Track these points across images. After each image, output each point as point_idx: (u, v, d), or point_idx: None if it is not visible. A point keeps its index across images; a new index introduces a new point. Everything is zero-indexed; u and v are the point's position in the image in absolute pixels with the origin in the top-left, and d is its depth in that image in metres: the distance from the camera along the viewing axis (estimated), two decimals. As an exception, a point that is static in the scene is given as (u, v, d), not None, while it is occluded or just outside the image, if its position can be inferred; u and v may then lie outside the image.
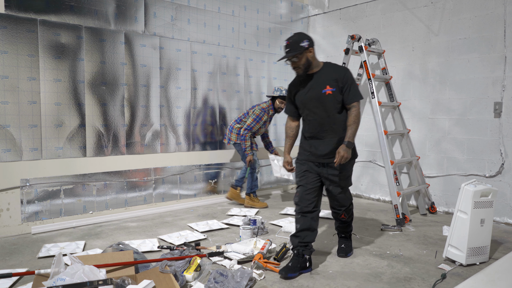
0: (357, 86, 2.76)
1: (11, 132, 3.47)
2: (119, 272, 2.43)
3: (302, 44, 2.64)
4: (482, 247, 2.88)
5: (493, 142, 4.04)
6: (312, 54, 2.70)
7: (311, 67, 2.74)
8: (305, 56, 2.68)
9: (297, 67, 2.71)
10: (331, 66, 2.81)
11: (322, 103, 2.73)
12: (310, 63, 2.72)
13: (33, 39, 3.54)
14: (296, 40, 2.66)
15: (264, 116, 4.49)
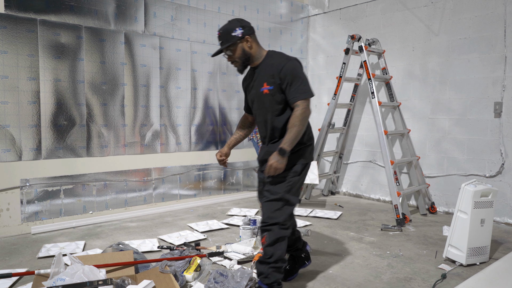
0: (305, 80, 2.20)
1: (11, 132, 3.47)
2: (119, 272, 2.42)
3: (234, 34, 2.22)
4: (482, 247, 2.88)
5: (493, 142, 4.04)
6: (249, 44, 2.26)
7: (251, 59, 2.30)
8: (240, 48, 2.25)
9: (233, 61, 2.30)
10: (272, 57, 2.30)
11: (262, 103, 2.31)
12: (249, 55, 2.28)
13: (33, 39, 3.54)
14: (227, 29, 2.24)
15: None
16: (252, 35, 2.27)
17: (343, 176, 5.45)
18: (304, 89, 2.19)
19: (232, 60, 2.30)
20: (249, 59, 2.29)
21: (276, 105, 2.26)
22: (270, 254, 2.22)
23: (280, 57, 2.26)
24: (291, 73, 2.18)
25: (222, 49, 2.27)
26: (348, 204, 4.87)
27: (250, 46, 2.27)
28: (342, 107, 5.02)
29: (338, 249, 3.20)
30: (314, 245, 3.29)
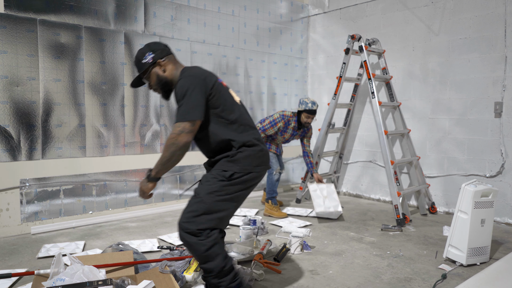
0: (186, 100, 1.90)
1: (10, 132, 3.47)
2: (119, 272, 2.42)
3: (145, 61, 2.07)
4: (482, 247, 2.87)
5: (494, 142, 4.03)
6: (163, 68, 2.07)
7: (170, 83, 2.09)
8: (154, 74, 2.08)
9: (153, 89, 2.14)
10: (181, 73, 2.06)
11: None
12: (165, 80, 2.08)
13: (33, 39, 3.54)
14: (137, 57, 2.11)
15: (280, 123, 4.08)
16: (166, 57, 2.09)
17: (343, 176, 5.45)
18: (181, 111, 1.90)
19: (152, 88, 2.14)
20: (167, 83, 2.09)
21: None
22: (209, 269, 1.96)
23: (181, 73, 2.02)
24: (179, 93, 1.94)
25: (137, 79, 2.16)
26: (348, 204, 4.86)
27: (164, 69, 2.08)
28: (342, 107, 5.01)
29: (338, 249, 3.20)
30: (315, 245, 3.28)
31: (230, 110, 2.01)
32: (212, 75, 2.05)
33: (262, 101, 5.35)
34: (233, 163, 1.98)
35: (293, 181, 5.77)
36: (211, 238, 1.94)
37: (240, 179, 1.98)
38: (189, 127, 1.90)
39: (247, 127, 2.06)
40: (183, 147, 1.91)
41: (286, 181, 5.66)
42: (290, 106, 5.68)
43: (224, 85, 2.10)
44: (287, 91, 5.64)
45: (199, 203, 1.96)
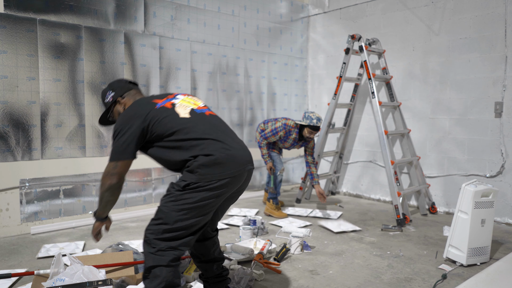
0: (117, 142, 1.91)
1: (10, 132, 3.46)
2: (118, 272, 2.42)
3: (107, 100, 2.14)
4: (482, 247, 2.87)
5: (494, 142, 4.03)
6: (123, 105, 2.11)
7: None
8: (116, 112, 2.14)
9: None
10: None
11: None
12: None
13: (33, 39, 3.53)
14: (102, 97, 2.18)
15: (281, 132, 4.03)
16: (126, 93, 2.11)
17: (343, 176, 5.45)
18: (111, 152, 1.92)
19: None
20: None
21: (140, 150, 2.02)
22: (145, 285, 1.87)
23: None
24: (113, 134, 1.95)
25: (105, 118, 2.18)
26: (348, 204, 4.86)
27: (124, 106, 2.10)
28: (342, 107, 5.01)
29: (338, 249, 3.19)
30: (315, 245, 3.28)
31: (177, 131, 1.90)
32: (147, 106, 1.95)
33: (262, 101, 5.35)
34: (191, 173, 1.86)
35: (293, 181, 5.77)
36: (160, 257, 1.82)
37: (200, 188, 1.85)
38: (112, 169, 1.91)
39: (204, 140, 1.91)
40: (109, 189, 1.92)
41: (286, 181, 5.65)
42: (290, 106, 5.68)
43: (169, 106, 1.97)
44: (287, 91, 5.64)
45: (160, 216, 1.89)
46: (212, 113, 2.10)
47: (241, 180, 1.99)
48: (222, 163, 1.87)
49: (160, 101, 1.99)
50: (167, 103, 2.00)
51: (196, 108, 2.04)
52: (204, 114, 2.04)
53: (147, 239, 1.86)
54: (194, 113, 2.00)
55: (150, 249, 1.84)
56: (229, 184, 1.91)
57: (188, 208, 1.84)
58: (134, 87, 2.18)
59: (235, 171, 1.92)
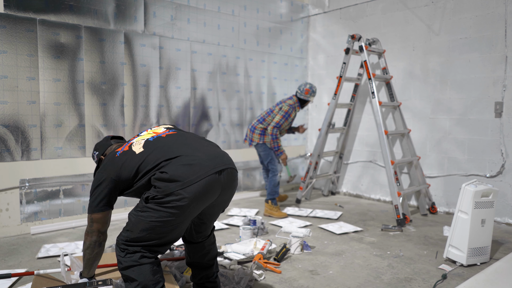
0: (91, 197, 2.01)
1: (10, 132, 3.46)
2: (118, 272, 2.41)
3: (94, 160, 2.29)
4: (482, 247, 2.87)
5: (494, 142, 4.03)
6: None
7: None
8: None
9: None
10: None
11: None
12: None
13: (32, 39, 3.53)
14: (92, 156, 2.32)
15: (293, 113, 4.23)
16: (105, 150, 2.22)
17: (343, 176, 5.45)
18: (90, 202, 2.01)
19: None
20: None
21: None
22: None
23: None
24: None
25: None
26: (348, 204, 4.86)
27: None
28: (342, 107, 5.01)
29: (339, 250, 3.19)
30: (315, 246, 3.28)
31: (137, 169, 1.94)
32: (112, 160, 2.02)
33: (262, 101, 5.35)
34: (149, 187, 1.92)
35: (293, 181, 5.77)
36: (130, 258, 1.86)
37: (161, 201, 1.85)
38: (89, 227, 2.02)
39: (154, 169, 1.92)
40: (89, 247, 2.04)
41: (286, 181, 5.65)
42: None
43: (126, 149, 2.03)
44: (287, 91, 5.64)
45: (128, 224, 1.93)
46: (172, 133, 2.09)
47: (215, 186, 1.92)
48: (177, 178, 1.84)
49: (119, 149, 2.07)
50: (126, 146, 2.06)
51: (151, 137, 2.06)
52: (160, 138, 2.05)
53: (117, 243, 1.92)
54: (148, 144, 2.01)
55: (120, 253, 1.89)
56: (196, 194, 1.85)
57: (153, 221, 1.84)
58: (115, 142, 2.28)
59: (197, 179, 1.85)
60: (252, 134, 4.28)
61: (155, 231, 1.85)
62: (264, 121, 4.26)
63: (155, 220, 1.83)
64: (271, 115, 4.26)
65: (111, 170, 1.98)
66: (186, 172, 1.86)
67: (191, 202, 1.85)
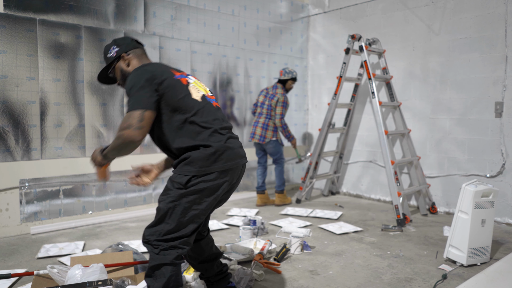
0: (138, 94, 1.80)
1: (10, 132, 3.46)
2: (118, 272, 2.41)
3: (110, 55, 2.05)
4: (483, 247, 2.87)
5: (494, 142, 4.03)
6: (127, 62, 2.03)
7: None
8: (118, 68, 2.05)
9: (120, 85, 2.10)
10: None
11: None
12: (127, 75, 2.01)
13: (32, 39, 3.53)
14: (104, 52, 2.09)
15: (287, 99, 4.56)
16: (131, 51, 2.04)
17: (343, 176, 5.44)
18: (131, 102, 1.79)
19: (119, 84, 2.08)
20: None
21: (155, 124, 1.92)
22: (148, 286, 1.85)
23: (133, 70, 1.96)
24: (126, 87, 1.86)
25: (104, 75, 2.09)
26: (348, 204, 4.86)
27: (128, 63, 2.03)
28: (343, 107, 5.01)
29: (339, 250, 3.19)
30: (315, 246, 3.28)
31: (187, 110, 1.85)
32: (166, 72, 1.90)
33: (262, 101, 5.34)
34: (189, 165, 1.81)
35: (292, 181, 5.77)
36: (164, 256, 1.80)
37: (200, 184, 1.81)
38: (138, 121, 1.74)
39: (207, 129, 1.88)
40: (129, 144, 1.76)
41: (285, 180, 5.65)
42: (290, 106, 5.66)
43: (184, 82, 1.93)
44: (287, 91, 5.63)
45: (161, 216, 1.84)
46: (218, 106, 2.06)
47: (236, 175, 1.96)
48: (220, 156, 1.84)
49: (177, 74, 1.95)
50: (183, 79, 1.95)
51: (206, 96, 2.00)
52: (211, 104, 2.00)
53: (148, 241, 1.83)
54: (205, 99, 1.96)
55: (153, 250, 1.81)
56: (227, 178, 1.88)
57: (189, 207, 1.82)
58: (139, 47, 2.10)
59: (232, 163, 1.89)
60: (266, 132, 4.54)
61: (193, 218, 1.82)
62: (272, 117, 4.55)
63: (190, 205, 1.80)
64: (273, 108, 4.54)
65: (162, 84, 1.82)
66: (226, 154, 1.86)
67: (223, 187, 1.87)
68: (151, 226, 1.86)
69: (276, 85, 4.62)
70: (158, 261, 1.80)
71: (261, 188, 4.69)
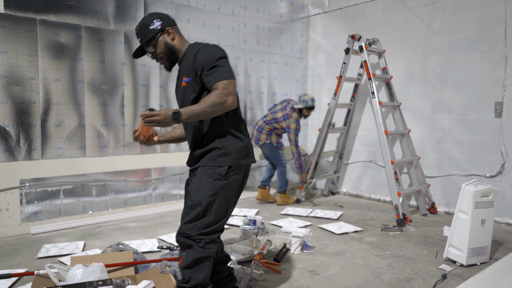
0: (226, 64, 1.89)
1: (10, 132, 3.46)
2: (118, 272, 2.42)
3: (152, 27, 1.99)
4: (482, 247, 2.87)
5: (494, 142, 4.03)
6: (172, 36, 2.01)
7: (177, 53, 2.03)
8: (162, 41, 2.00)
9: (157, 58, 2.04)
10: (192, 47, 1.99)
11: (181, 100, 2.04)
12: (173, 49, 2.01)
13: (33, 39, 3.53)
14: (144, 23, 2.01)
15: (299, 126, 4.60)
16: (173, 26, 2.04)
17: (343, 176, 5.45)
18: (222, 73, 1.84)
19: (157, 57, 2.04)
20: (174, 52, 2.02)
21: (193, 100, 1.94)
22: (187, 278, 1.86)
23: (197, 45, 1.97)
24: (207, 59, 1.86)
25: (143, 46, 2.03)
26: (348, 204, 4.86)
27: (173, 37, 2.01)
28: (342, 107, 5.01)
29: (338, 250, 3.19)
30: (315, 245, 3.28)
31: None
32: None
33: (262, 101, 5.35)
34: (224, 156, 1.88)
35: (292, 181, 5.77)
36: (208, 250, 1.85)
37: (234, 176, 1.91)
38: (234, 88, 1.85)
39: (242, 122, 2.04)
40: (226, 109, 1.84)
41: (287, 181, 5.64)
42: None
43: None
44: (287, 91, 5.64)
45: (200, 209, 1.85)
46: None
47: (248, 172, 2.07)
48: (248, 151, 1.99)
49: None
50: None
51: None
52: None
53: (190, 236, 1.83)
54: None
55: (197, 244, 1.83)
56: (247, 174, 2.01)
57: (225, 200, 1.89)
58: (176, 24, 2.11)
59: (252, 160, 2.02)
60: (260, 134, 4.69)
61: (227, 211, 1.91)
62: (270, 124, 4.66)
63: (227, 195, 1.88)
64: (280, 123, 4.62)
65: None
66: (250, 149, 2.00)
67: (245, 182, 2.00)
68: (190, 221, 1.85)
69: (293, 107, 4.61)
70: (202, 253, 1.83)
71: (263, 183, 4.81)
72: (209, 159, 1.91)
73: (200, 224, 1.84)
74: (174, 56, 2.03)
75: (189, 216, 1.86)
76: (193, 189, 1.89)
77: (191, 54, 1.93)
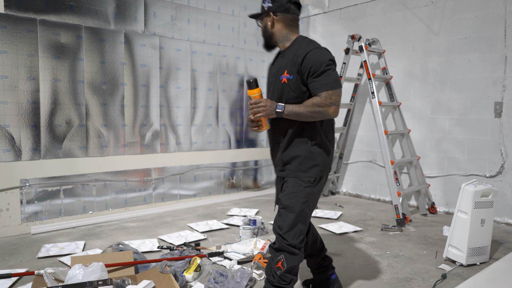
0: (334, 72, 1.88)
1: (10, 132, 3.47)
2: (119, 272, 2.42)
3: (264, 5, 2.06)
4: (482, 247, 2.87)
5: (494, 142, 4.03)
6: (272, 22, 2.03)
7: (273, 39, 2.06)
8: (264, 23, 2.07)
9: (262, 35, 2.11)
10: (300, 43, 1.99)
11: (279, 94, 2.00)
12: (269, 34, 2.05)
13: (33, 39, 3.53)
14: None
15: None
16: (281, 13, 2.00)
17: (343, 176, 5.45)
18: (330, 81, 1.84)
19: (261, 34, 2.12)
20: (270, 38, 2.05)
21: (292, 98, 1.93)
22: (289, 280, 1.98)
23: (307, 43, 1.95)
24: (317, 62, 1.85)
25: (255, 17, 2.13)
26: (348, 204, 4.86)
27: (272, 24, 2.03)
28: (342, 107, 5.01)
29: (338, 249, 3.20)
30: (314, 245, 3.28)
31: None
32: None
33: (262, 101, 5.35)
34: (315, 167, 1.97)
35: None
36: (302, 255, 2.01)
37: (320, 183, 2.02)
38: (339, 98, 1.87)
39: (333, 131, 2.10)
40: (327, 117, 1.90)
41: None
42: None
43: None
44: (287, 91, 5.63)
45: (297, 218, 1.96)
46: None
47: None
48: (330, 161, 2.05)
49: None
50: None
51: None
52: None
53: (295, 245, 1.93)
54: None
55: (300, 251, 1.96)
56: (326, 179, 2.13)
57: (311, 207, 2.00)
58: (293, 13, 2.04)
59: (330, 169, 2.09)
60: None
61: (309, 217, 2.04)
62: None
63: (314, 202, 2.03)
64: None
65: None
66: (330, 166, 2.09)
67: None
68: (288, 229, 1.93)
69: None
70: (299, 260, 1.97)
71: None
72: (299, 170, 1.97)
73: (299, 232, 1.95)
74: (270, 41, 2.07)
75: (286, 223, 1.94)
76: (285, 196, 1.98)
77: (301, 51, 1.92)
